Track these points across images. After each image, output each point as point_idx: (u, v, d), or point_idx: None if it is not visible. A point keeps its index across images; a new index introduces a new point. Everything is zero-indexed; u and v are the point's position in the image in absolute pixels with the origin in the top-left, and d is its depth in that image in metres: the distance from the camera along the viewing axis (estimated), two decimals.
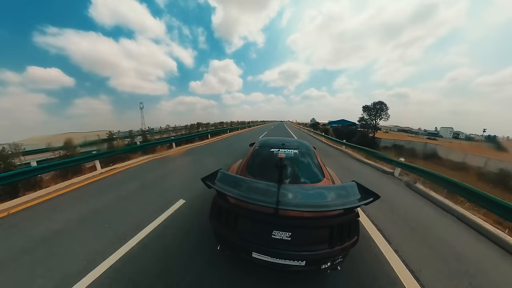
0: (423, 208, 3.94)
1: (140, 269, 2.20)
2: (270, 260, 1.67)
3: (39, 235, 2.84)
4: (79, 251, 2.50)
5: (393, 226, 3.16)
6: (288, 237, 1.64)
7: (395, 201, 4.18)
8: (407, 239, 2.86)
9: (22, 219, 3.32)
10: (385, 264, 2.34)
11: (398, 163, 6.07)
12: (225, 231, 1.84)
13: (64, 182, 5.08)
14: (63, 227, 3.02)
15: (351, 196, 1.79)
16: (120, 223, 3.11)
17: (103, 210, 3.58)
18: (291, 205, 1.63)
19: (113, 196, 4.16)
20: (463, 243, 2.83)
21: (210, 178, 2.04)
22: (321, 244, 1.67)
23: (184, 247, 2.53)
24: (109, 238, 2.73)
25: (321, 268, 1.72)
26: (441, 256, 2.52)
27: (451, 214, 3.68)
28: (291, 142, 3.21)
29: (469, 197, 3.75)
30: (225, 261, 2.27)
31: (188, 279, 2.06)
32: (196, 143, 12.88)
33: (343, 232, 1.68)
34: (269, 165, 2.45)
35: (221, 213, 1.86)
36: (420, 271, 2.25)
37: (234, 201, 1.79)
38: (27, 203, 3.93)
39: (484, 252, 2.68)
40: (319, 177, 2.47)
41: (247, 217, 1.77)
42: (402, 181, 5.54)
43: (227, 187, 1.90)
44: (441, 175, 4.55)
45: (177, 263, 2.27)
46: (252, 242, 1.72)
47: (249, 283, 2.04)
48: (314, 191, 1.96)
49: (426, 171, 5.02)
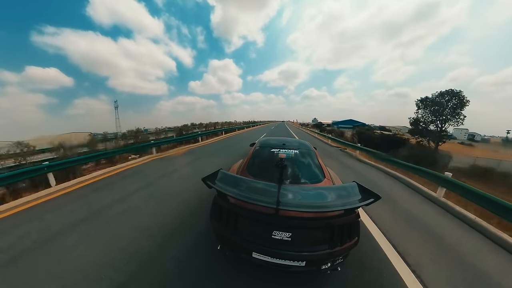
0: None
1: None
2: (270, 260, 1.67)
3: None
4: None
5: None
6: (288, 238, 1.64)
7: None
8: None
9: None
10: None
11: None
12: (225, 231, 1.84)
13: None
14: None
15: (352, 196, 1.79)
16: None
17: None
18: (291, 206, 1.63)
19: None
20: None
21: (210, 178, 2.05)
22: (321, 244, 1.67)
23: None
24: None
25: (321, 268, 1.72)
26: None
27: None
28: (292, 142, 3.20)
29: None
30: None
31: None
32: (189, 145, 11.70)
33: (343, 233, 1.67)
34: (269, 165, 2.45)
35: (222, 213, 1.86)
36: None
37: (235, 201, 1.80)
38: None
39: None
40: (319, 178, 2.46)
41: (248, 217, 1.77)
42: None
43: (227, 187, 1.90)
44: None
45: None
46: (252, 242, 1.72)
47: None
48: (315, 191, 1.96)
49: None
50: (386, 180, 5.88)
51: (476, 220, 3.26)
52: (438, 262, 2.43)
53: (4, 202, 3.92)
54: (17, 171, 4.40)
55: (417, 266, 2.32)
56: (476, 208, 3.55)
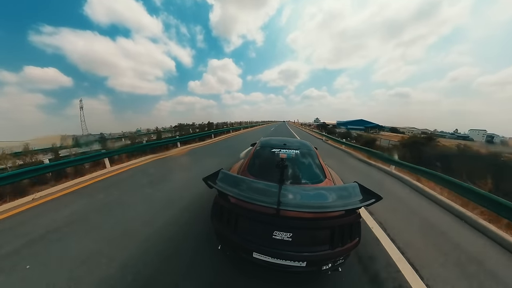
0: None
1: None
2: (271, 260, 1.67)
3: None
4: None
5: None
6: (289, 238, 1.64)
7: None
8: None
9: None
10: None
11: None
12: (226, 231, 1.84)
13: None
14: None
15: (353, 197, 1.78)
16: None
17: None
18: (292, 206, 1.63)
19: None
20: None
21: (211, 178, 2.05)
22: (322, 245, 1.66)
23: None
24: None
25: (322, 269, 1.72)
26: None
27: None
28: (293, 142, 3.20)
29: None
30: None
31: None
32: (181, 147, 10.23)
33: (344, 233, 1.67)
34: (270, 166, 2.44)
35: (222, 213, 1.87)
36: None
37: (235, 201, 1.80)
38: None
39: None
40: (320, 178, 2.46)
41: (248, 217, 1.77)
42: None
43: (228, 187, 1.90)
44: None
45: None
46: (252, 242, 1.72)
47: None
48: (316, 191, 1.96)
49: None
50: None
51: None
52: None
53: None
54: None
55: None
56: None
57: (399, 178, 6.06)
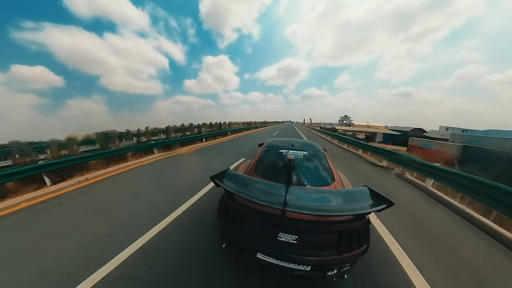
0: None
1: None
2: (275, 262, 1.64)
3: None
4: None
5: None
6: (294, 240, 1.61)
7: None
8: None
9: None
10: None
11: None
12: (231, 230, 1.84)
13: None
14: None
15: (362, 201, 1.72)
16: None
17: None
18: (298, 208, 1.60)
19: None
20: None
21: (218, 176, 2.06)
22: (328, 250, 1.62)
23: None
24: None
25: (326, 275, 1.67)
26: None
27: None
28: (301, 143, 3.16)
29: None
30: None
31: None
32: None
33: (352, 239, 1.61)
34: (277, 166, 2.42)
35: (228, 212, 1.86)
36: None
37: (241, 200, 1.79)
38: None
39: None
40: (328, 181, 2.41)
41: (254, 217, 1.76)
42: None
43: (235, 186, 1.90)
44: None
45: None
46: (257, 242, 1.71)
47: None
48: (323, 194, 1.91)
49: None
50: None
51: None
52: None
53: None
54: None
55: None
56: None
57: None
